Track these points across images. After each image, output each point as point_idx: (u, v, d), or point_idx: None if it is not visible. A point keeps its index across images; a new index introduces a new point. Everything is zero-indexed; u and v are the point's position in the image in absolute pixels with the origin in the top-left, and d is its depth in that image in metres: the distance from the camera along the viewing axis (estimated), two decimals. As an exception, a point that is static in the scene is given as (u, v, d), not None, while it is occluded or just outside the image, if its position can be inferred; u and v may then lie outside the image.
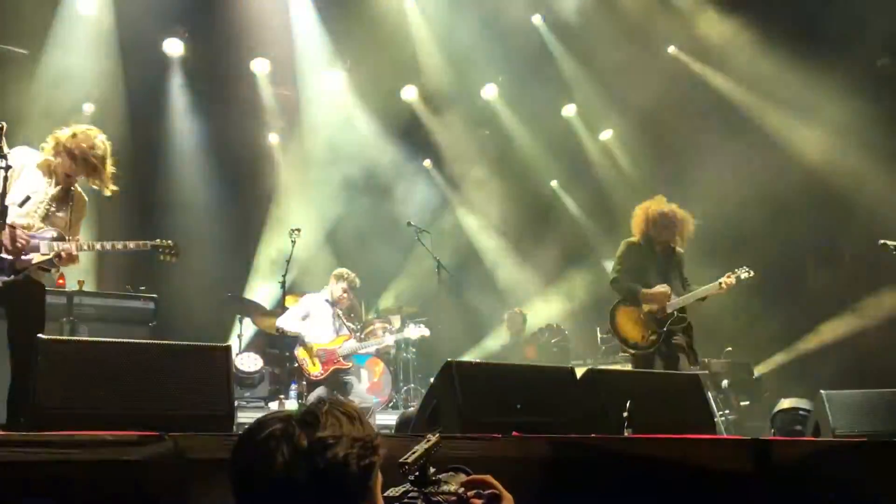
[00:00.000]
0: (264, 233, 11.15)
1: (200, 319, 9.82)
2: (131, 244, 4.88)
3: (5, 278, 4.38)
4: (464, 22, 10.11)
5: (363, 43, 10.43)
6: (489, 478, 1.88)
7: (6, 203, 4.12)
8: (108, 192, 4.85)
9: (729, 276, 5.98)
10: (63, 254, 4.53)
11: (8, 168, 4.12)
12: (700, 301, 6.16)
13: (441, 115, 11.78)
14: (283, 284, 8.16)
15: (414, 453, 1.83)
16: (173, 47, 10.06)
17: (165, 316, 8.08)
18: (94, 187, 4.84)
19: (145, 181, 10.27)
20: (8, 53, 8.87)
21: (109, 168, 4.78)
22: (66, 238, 4.61)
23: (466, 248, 12.36)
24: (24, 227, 4.47)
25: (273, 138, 11.51)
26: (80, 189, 4.91)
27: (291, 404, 7.84)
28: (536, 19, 10.91)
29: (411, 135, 11.89)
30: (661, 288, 6.01)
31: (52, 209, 4.69)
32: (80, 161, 4.65)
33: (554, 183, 12.91)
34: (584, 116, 12.01)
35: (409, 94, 11.45)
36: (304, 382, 7.26)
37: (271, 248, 10.78)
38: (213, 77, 10.63)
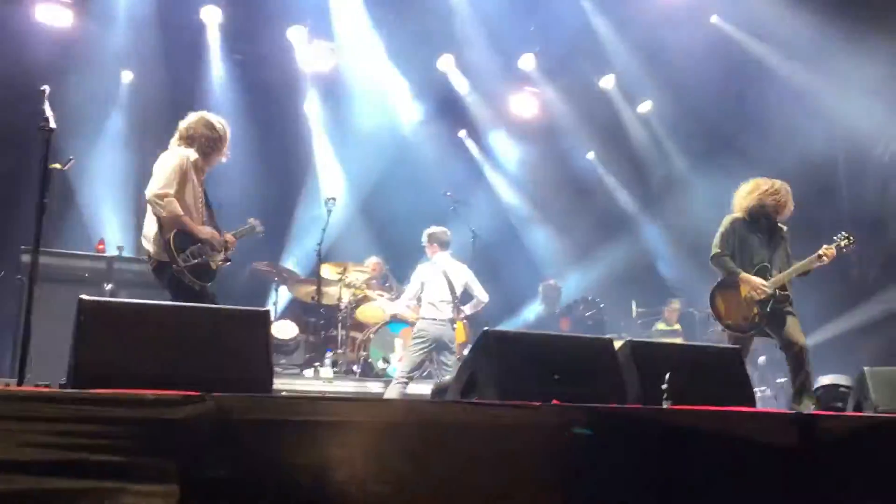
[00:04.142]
0: (300, 201, 11.18)
1: (237, 286, 9.90)
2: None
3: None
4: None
5: (400, 12, 10.33)
6: None
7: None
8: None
9: (828, 247, 5.78)
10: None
11: (51, 131, 4.09)
12: (802, 276, 5.93)
13: (477, 84, 11.66)
14: (318, 253, 8.23)
15: None
16: (210, 14, 10.05)
17: (203, 282, 8.15)
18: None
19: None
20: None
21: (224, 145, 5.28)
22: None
23: (502, 219, 12.27)
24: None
25: (309, 107, 11.48)
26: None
27: (326, 372, 7.90)
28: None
29: (447, 105, 11.79)
30: (758, 280, 5.84)
31: (205, 208, 5.21)
32: (210, 153, 5.17)
33: (590, 155, 12.76)
34: (623, 87, 11.81)
35: (446, 63, 11.33)
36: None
37: (307, 216, 10.80)
38: (250, 45, 10.62)
